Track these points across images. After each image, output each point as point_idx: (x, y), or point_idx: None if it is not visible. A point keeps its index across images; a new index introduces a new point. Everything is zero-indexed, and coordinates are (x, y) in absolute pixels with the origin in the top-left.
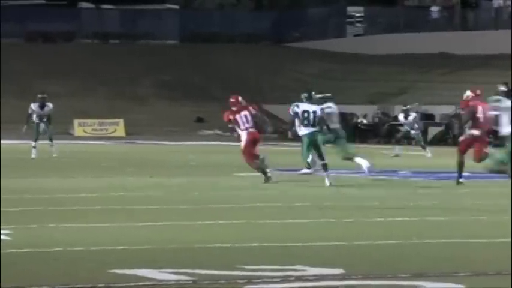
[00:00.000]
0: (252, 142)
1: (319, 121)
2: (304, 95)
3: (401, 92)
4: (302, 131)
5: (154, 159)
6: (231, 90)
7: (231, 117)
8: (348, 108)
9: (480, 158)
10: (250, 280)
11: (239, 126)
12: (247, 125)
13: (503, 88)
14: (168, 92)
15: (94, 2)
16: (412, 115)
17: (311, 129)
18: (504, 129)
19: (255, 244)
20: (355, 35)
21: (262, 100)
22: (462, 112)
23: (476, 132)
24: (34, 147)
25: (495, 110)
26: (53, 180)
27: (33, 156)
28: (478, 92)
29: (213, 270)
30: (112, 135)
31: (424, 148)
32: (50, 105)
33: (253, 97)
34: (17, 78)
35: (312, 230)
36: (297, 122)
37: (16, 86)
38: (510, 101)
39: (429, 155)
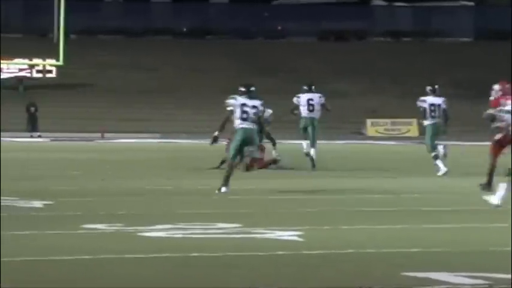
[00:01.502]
0: None
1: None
2: (429, 88)
3: None
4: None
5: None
6: None
7: None
8: None
9: None
10: None
11: None
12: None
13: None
14: (461, 91)
15: (387, 0)
16: None
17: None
18: None
19: None
20: None
21: None
22: None
23: None
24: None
25: None
26: (345, 181)
27: None
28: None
29: (510, 274)
30: (405, 135)
31: None
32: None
33: None
34: (309, 77)
35: None
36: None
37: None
38: None
39: None
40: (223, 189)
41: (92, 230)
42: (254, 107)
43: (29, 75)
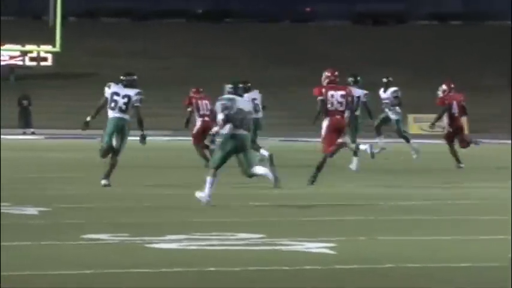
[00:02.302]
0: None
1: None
2: (351, 79)
3: None
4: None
5: (498, 159)
6: None
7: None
8: None
9: None
10: None
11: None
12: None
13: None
14: None
15: None
16: (391, 89)
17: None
18: None
19: None
20: None
21: None
22: None
23: None
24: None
25: None
26: (382, 185)
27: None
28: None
29: None
30: None
31: (406, 140)
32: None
33: None
34: (343, 65)
35: None
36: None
37: (342, 73)
38: None
39: (414, 155)
40: (103, 181)
41: (94, 241)
42: (126, 96)
43: (21, 63)
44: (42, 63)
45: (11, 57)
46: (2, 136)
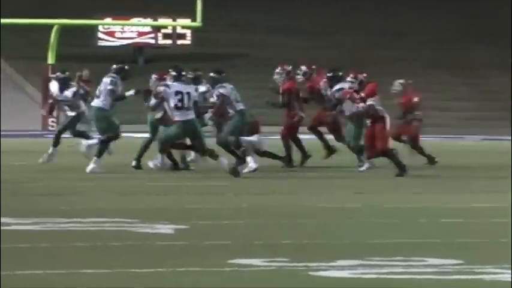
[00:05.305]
0: None
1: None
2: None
3: None
4: None
5: None
6: None
7: None
8: None
9: None
10: None
11: None
12: None
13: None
14: None
15: None
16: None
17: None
18: None
19: None
20: None
21: None
22: None
23: None
24: None
25: None
26: None
27: None
28: None
29: None
30: None
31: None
32: None
33: None
34: None
35: None
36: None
37: None
38: None
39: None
40: None
41: (244, 267)
42: None
43: (152, 41)
44: (179, 42)
45: (140, 34)
46: (130, 134)
